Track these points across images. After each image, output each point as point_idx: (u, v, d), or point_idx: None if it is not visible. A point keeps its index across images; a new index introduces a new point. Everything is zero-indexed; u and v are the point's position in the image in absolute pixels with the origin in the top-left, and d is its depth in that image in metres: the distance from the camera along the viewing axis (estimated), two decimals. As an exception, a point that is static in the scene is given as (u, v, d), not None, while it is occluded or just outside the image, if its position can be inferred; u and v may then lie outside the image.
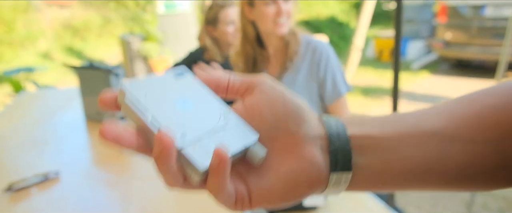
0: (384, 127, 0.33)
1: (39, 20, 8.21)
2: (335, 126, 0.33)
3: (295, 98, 0.34)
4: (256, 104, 0.34)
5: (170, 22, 5.58)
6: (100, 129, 0.29)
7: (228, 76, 0.36)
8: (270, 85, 0.34)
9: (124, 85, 0.32)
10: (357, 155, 0.32)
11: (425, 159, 0.32)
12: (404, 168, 0.32)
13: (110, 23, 8.56)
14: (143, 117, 0.30)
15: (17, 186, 0.99)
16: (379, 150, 0.32)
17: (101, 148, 1.31)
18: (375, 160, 0.32)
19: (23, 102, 1.97)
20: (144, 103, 0.31)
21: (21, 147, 1.32)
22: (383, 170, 0.32)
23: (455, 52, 5.41)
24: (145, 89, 0.32)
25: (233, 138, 0.31)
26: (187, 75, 0.36)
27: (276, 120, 0.33)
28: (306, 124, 0.33)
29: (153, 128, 0.29)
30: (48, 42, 7.99)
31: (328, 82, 1.53)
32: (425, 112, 0.34)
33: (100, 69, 1.47)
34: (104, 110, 0.33)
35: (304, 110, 0.33)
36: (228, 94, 0.36)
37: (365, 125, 0.34)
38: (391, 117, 0.34)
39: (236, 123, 0.33)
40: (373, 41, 6.91)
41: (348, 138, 0.32)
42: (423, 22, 7.03)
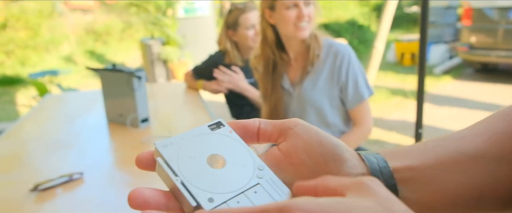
0: (426, 156, 0.31)
1: (63, 24, 8.41)
2: (376, 161, 0.32)
3: (331, 137, 0.33)
4: (293, 149, 0.33)
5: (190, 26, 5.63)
6: (129, 195, 0.28)
7: (258, 122, 0.35)
8: (304, 127, 0.33)
9: (158, 145, 0.32)
10: (404, 189, 0.31)
11: (474, 185, 0.30)
12: (454, 197, 0.30)
13: (131, 28, 8.71)
14: (174, 179, 0.30)
15: (43, 186, 1.00)
16: (425, 181, 0.31)
17: (123, 151, 1.32)
18: (422, 193, 0.30)
19: (48, 104, 2.01)
20: (176, 164, 0.31)
21: (46, 148, 1.35)
22: (432, 202, 0.30)
23: (480, 56, 5.28)
24: (178, 148, 0.32)
25: (264, 197, 0.31)
26: (222, 127, 0.35)
27: (315, 163, 0.32)
28: (346, 163, 0.31)
29: (183, 192, 0.29)
30: (71, 46, 8.18)
31: (349, 86, 1.51)
32: (465, 134, 0.33)
33: (122, 72, 1.48)
34: (140, 168, 0.33)
35: (342, 148, 0.32)
36: (260, 140, 0.35)
37: (405, 156, 0.32)
38: (430, 144, 0.33)
39: (269, 180, 0.32)
40: (394, 45, 6.80)
41: (391, 172, 0.31)
42: (446, 25, 6.89)
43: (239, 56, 2.09)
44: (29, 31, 7.75)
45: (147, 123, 1.54)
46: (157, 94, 2.12)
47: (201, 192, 0.29)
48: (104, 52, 8.30)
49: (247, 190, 0.31)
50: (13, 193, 1.00)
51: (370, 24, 8.81)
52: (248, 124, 0.35)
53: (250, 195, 0.30)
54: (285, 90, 1.60)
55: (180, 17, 5.61)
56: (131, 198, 0.28)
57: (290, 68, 1.60)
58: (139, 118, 1.51)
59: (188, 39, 5.46)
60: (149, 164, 0.32)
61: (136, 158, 0.32)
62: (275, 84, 1.60)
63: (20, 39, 7.53)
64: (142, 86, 1.50)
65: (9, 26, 7.58)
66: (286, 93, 1.60)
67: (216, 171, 0.31)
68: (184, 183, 0.30)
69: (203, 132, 0.35)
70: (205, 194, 0.29)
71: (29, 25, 7.76)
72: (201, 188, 0.30)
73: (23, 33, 7.68)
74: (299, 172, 0.32)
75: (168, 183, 0.31)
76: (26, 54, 7.44)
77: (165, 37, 5.34)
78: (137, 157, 0.32)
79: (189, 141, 0.33)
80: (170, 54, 5.13)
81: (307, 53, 1.53)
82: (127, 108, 1.51)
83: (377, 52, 3.98)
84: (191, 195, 0.29)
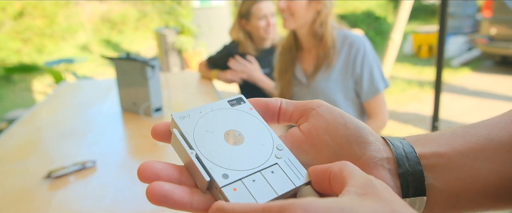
0: (455, 143, 0.30)
1: (79, 13, 8.49)
2: (401, 146, 0.30)
3: (355, 120, 0.31)
4: (315, 130, 0.31)
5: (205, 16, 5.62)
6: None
7: (280, 101, 0.34)
8: (328, 108, 0.32)
9: (174, 116, 0.31)
10: (430, 176, 0.29)
11: (506, 174, 0.28)
12: (484, 186, 0.28)
13: (146, 17, 8.74)
14: (189, 152, 0.29)
15: (56, 173, 1.00)
16: (454, 169, 0.29)
17: (136, 139, 1.32)
18: (450, 180, 0.29)
19: (63, 92, 2.02)
20: (192, 136, 0.30)
21: (60, 136, 1.35)
22: (461, 191, 0.29)
23: (500, 48, 5.15)
24: (195, 121, 0.31)
25: (281, 178, 0.29)
26: (243, 103, 0.34)
27: (337, 145, 0.30)
28: (370, 146, 0.30)
29: (198, 165, 0.28)
30: (87, 34, 8.25)
31: (365, 78, 1.48)
32: (497, 121, 0.31)
33: (136, 61, 1.48)
34: (156, 139, 0.32)
35: (367, 131, 0.31)
36: (280, 120, 0.34)
37: (432, 142, 0.30)
38: (460, 130, 0.31)
39: (287, 161, 0.31)
40: (411, 37, 6.68)
41: (418, 157, 0.29)
42: (465, 17, 6.73)
43: (252, 46, 2.07)
44: (45, 19, 7.85)
45: (160, 112, 1.54)
46: (171, 83, 2.11)
47: (216, 167, 0.28)
48: (119, 41, 8.36)
49: (264, 170, 0.30)
50: (27, 180, 1.01)
51: (387, 15, 8.66)
52: (270, 102, 0.34)
53: (267, 175, 0.29)
54: (297, 80, 1.59)
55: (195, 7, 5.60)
56: (141, 171, 0.28)
57: (304, 59, 1.59)
58: (153, 107, 1.50)
59: (203, 29, 5.45)
60: (165, 135, 0.31)
61: (152, 129, 0.31)
62: (288, 66, 1.61)
63: (37, 27, 7.62)
64: (155, 75, 1.49)
65: (26, 14, 7.68)
66: (299, 83, 1.59)
67: (233, 147, 0.30)
68: (199, 157, 0.29)
69: (222, 107, 0.33)
70: (220, 169, 0.28)
71: (45, 13, 7.85)
72: (216, 163, 0.29)
73: (40, 21, 7.78)
74: (320, 154, 0.31)
75: (182, 156, 0.30)
76: (42, 42, 7.54)
77: (180, 26, 5.33)
78: (153, 127, 0.31)
79: (207, 115, 0.32)
80: (185, 44, 5.13)
81: (319, 45, 1.51)
82: (141, 97, 1.51)
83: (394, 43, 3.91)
84: (206, 170, 0.28)
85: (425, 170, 0.29)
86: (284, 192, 0.28)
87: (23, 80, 6.12)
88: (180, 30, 5.33)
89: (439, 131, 0.32)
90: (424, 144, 0.30)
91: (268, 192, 0.28)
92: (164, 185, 0.26)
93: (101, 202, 0.90)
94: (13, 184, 1.00)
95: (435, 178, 0.29)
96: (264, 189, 0.28)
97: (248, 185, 0.28)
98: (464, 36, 6.47)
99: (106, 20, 8.72)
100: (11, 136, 1.36)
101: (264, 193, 0.28)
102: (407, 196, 0.28)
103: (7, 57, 6.66)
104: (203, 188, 0.28)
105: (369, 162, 0.29)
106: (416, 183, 0.28)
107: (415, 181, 0.28)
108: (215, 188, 0.28)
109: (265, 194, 0.28)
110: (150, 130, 0.32)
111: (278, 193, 0.28)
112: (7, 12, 7.38)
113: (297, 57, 1.60)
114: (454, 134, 0.30)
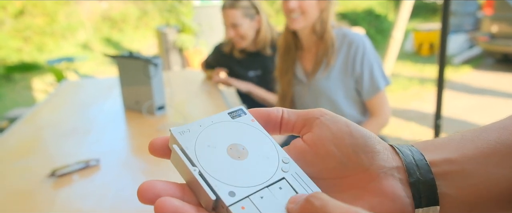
0: (465, 148, 0.29)
1: (79, 12, 8.47)
2: (411, 154, 0.29)
3: (361, 129, 0.30)
4: (319, 140, 0.30)
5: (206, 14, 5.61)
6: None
7: (281, 111, 0.32)
8: (332, 117, 0.31)
9: (173, 132, 0.29)
10: (442, 184, 0.28)
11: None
12: (498, 192, 0.28)
13: (147, 15, 8.72)
14: (191, 169, 0.27)
15: (60, 172, 1.00)
16: (466, 175, 0.28)
17: (139, 138, 1.32)
18: (463, 188, 0.28)
19: (65, 91, 2.02)
20: (193, 152, 0.28)
21: (63, 134, 1.35)
22: (474, 198, 0.28)
23: (502, 46, 5.14)
24: (196, 135, 0.30)
25: (290, 194, 0.28)
26: (243, 115, 0.33)
27: (344, 155, 0.29)
28: (378, 156, 0.29)
29: (202, 183, 0.27)
30: (87, 33, 8.24)
31: (365, 77, 1.48)
32: (507, 124, 0.30)
33: (139, 59, 1.48)
34: (154, 155, 0.30)
35: (374, 140, 0.30)
36: (282, 131, 0.32)
37: (442, 148, 0.29)
38: (469, 135, 0.30)
39: (295, 175, 0.29)
40: (412, 34, 6.67)
41: (428, 165, 0.28)
42: (466, 14, 6.72)
43: (236, 51, 2.05)
44: (46, 18, 7.83)
45: (163, 110, 1.53)
46: (173, 81, 2.11)
47: (221, 184, 0.27)
48: (120, 39, 8.35)
49: (272, 185, 0.28)
50: (30, 178, 1.01)
51: (388, 13, 8.64)
52: (271, 112, 0.32)
53: (275, 191, 0.28)
54: (298, 79, 1.59)
55: (196, 5, 5.59)
56: (141, 192, 0.26)
57: (304, 57, 1.58)
58: (155, 106, 1.50)
59: (204, 27, 5.44)
60: (164, 151, 0.30)
61: (150, 144, 0.30)
62: (288, 66, 1.60)
63: (37, 26, 7.61)
64: (158, 74, 1.49)
65: (27, 13, 7.67)
66: (299, 82, 1.59)
67: (237, 162, 0.29)
68: (202, 174, 0.27)
69: (223, 120, 0.32)
70: (226, 187, 0.27)
71: (46, 11, 7.84)
72: (221, 180, 0.27)
73: (40, 20, 7.76)
74: (326, 165, 0.29)
75: (184, 173, 0.28)
76: (43, 40, 7.53)
77: (181, 25, 5.32)
78: (151, 143, 0.30)
79: (208, 129, 0.31)
80: (186, 42, 5.12)
81: (320, 43, 1.50)
82: (144, 96, 1.51)
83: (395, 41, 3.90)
84: (210, 188, 0.27)
85: (436, 178, 0.28)
86: None
87: (24, 79, 6.12)
88: (181, 29, 5.32)
89: (447, 136, 0.31)
90: (433, 151, 0.29)
91: (278, 209, 0.27)
92: (174, 201, 0.25)
93: (104, 200, 0.90)
94: (16, 183, 1.00)
95: (447, 186, 0.28)
96: (273, 206, 0.27)
97: (257, 203, 0.27)
98: (465, 34, 6.46)
99: (106, 18, 8.70)
100: (13, 135, 1.36)
101: (274, 211, 0.27)
102: (420, 206, 0.27)
103: (7, 56, 6.65)
104: (209, 208, 0.27)
105: (378, 172, 0.28)
106: (428, 192, 0.27)
107: (427, 190, 0.28)
108: (222, 207, 0.26)
109: (275, 212, 0.27)
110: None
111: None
112: (8, 10, 7.38)
113: (297, 56, 1.60)
114: (464, 139, 0.30)
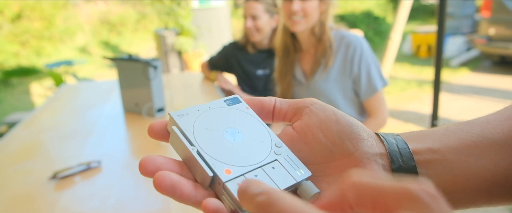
0: (448, 139, 0.30)
1: (77, 15, 8.48)
2: (395, 142, 0.31)
3: (348, 116, 0.31)
4: (308, 127, 0.31)
5: (204, 17, 5.62)
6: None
7: (274, 100, 0.34)
8: (320, 106, 0.32)
9: (173, 115, 0.31)
10: (424, 172, 0.29)
11: (499, 171, 0.28)
12: (476, 183, 0.29)
13: (145, 18, 8.74)
14: (190, 148, 0.29)
15: (62, 174, 1.00)
16: (447, 165, 0.29)
17: (140, 140, 1.32)
18: (444, 176, 0.29)
19: (64, 94, 2.02)
20: (192, 133, 0.30)
21: (63, 138, 1.35)
22: (454, 187, 0.29)
23: (499, 48, 5.17)
24: (193, 119, 0.32)
25: (282, 174, 0.30)
26: (238, 103, 0.35)
27: (331, 141, 0.30)
28: (363, 142, 0.30)
29: (200, 161, 0.28)
30: (86, 36, 8.24)
31: (362, 78, 1.49)
32: (491, 119, 0.31)
33: (139, 61, 1.48)
34: (153, 137, 0.32)
35: (359, 128, 0.31)
36: (274, 119, 0.34)
37: (426, 138, 0.31)
38: (453, 127, 0.31)
39: (286, 158, 0.31)
40: (410, 37, 6.70)
41: (411, 153, 0.30)
42: (464, 17, 6.75)
43: (250, 45, 2.07)
44: (44, 22, 7.83)
45: (163, 112, 1.54)
46: (172, 84, 2.11)
47: (218, 163, 0.28)
48: (118, 43, 8.35)
49: (265, 165, 0.30)
50: (32, 181, 1.01)
51: (386, 15, 8.68)
52: (264, 101, 0.34)
53: (268, 170, 0.30)
54: (297, 81, 1.60)
55: (194, 7, 5.59)
56: (143, 165, 0.27)
57: (303, 59, 1.60)
58: (155, 108, 1.51)
59: (203, 30, 5.45)
60: (162, 134, 0.31)
61: (149, 127, 0.31)
62: (287, 69, 1.61)
63: (35, 30, 7.61)
64: (158, 76, 1.49)
65: (24, 17, 7.67)
66: (298, 83, 1.60)
67: (233, 144, 0.31)
68: (200, 153, 0.29)
69: (219, 106, 0.34)
70: (222, 165, 0.28)
71: (44, 15, 7.84)
72: (218, 159, 0.29)
73: (38, 24, 7.76)
74: (313, 151, 0.31)
75: (182, 153, 0.30)
76: (41, 44, 7.53)
77: (179, 27, 5.33)
78: (150, 126, 0.31)
79: (205, 113, 0.32)
80: (184, 45, 5.13)
81: (318, 45, 1.52)
82: (143, 98, 1.51)
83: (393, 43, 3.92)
84: (208, 165, 0.28)
85: (418, 166, 0.29)
86: (287, 187, 0.29)
87: (22, 83, 6.11)
88: (179, 31, 5.33)
89: (433, 128, 0.32)
90: (418, 140, 0.31)
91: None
92: (172, 175, 0.26)
93: (106, 202, 0.90)
94: (18, 186, 1.00)
95: (428, 174, 0.29)
96: None
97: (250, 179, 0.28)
98: (463, 36, 6.48)
99: (105, 21, 8.71)
100: (13, 139, 1.36)
101: None
102: None
103: (5, 60, 6.64)
104: (206, 184, 0.28)
105: (361, 158, 0.29)
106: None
107: (409, 177, 0.28)
108: (218, 184, 0.28)
109: None
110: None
111: (281, 187, 0.29)
112: (5, 14, 7.37)
113: (296, 58, 1.61)
114: (447, 131, 0.31)
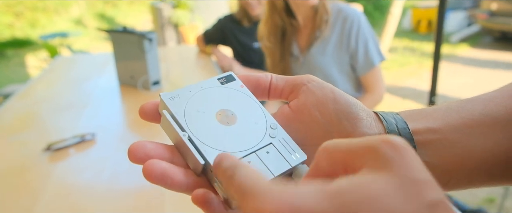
0: (449, 118, 0.29)
1: (72, -14, 8.30)
2: (394, 122, 0.29)
3: (346, 95, 0.30)
4: (304, 106, 0.30)
5: (201, -11, 5.50)
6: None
7: (270, 76, 0.32)
8: (318, 84, 0.31)
9: (163, 97, 0.29)
10: (424, 152, 0.28)
11: (501, 150, 0.27)
12: (478, 162, 0.28)
13: (141, -10, 8.56)
14: (181, 134, 0.28)
15: (56, 146, 1.00)
16: (448, 145, 0.28)
17: (135, 113, 1.31)
18: (444, 157, 0.28)
19: (59, 66, 2.00)
20: (183, 117, 0.29)
21: (58, 109, 1.34)
22: (455, 167, 0.28)
23: (501, 23, 5.11)
24: (185, 101, 0.30)
25: (277, 158, 0.28)
26: (233, 81, 0.33)
27: (328, 121, 0.29)
28: (361, 122, 0.29)
29: (191, 148, 0.27)
30: (81, 8, 8.10)
31: (360, 52, 1.46)
32: (493, 96, 0.30)
33: (133, 34, 1.45)
34: (144, 119, 0.30)
35: (358, 107, 0.30)
36: (270, 97, 0.32)
37: (426, 117, 0.29)
38: (455, 105, 0.30)
39: (282, 141, 0.30)
40: (410, 11, 6.61)
41: (411, 134, 0.28)
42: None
43: (246, 18, 2.04)
44: (38, -7, 7.67)
45: (158, 85, 1.52)
46: (168, 57, 2.09)
47: (210, 149, 0.27)
48: (114, 15, 8.22)
49: (259, 150, 0.29)
50: (27, 153, 1.00)
51: (386, -11, 8.54)
52: (260, 78, 0.32)
53: (262, 155, 0.28)
54: (293, 57, 1.56)
55: (190, -21, 5.48)
56: (132, 151, 0.26)
57: (300, 34, 1.55)
58: (151, 81, 1.49)
59: (199, 3, 5.36)
60: (154, 116, 0.30)
61: (140, 109, 0.30)
62: (284, 52, 1.55)
63: (29, 1, 7.46)
64: (153, 49, 1.47)
65: (19, -13, 7.51)
66: (294, 59, 1.56)
67: (226, 128, 0.29)
68: (191, 139, 0.28)
69: (212, 85, 0.32)
70: (214, 151, 0.27)
71: (38, -14, 7.67)
72: (209, 145, 0.28)
73: (32, -5, 7.61)
74: (310, 131, 0.30)
75: (173, 138, 0.29)
76: (35, 16, 7.40)
77: (176, 0, 5.24)
78: (141, 107, 0.30)
79: (197, 94, 0.31)
80: (181, 18, 5.05)
81: (315, 18, 1.47)
82: (139, 71, 1.49)
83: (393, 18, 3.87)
84: (199, 152, 0.27)
85: (418, 147, 0.28)
86: (281, 173, 0.28)
87: (17, 55, 6.04)
88: (176, 4, 5.24)
89: (434, 106, 0.31)
90: (418, 120, 0.29)
91: (264, 173, 0.27)
92: (162, 163, 0.25)
93: (100, 174, 0.90)
94: (12, 157, 0.99)
95: (428, 155, 0.28)
96: (260, 171, 0.27)
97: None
98: (464, 11, 6.41)
99: (100, -7, 8.54)
100: (7, 110, 1.35)
101: None
102: None
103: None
104: (197, 171, 0.27)
105: None
106: None
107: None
108: (210, 171, 0.27)
109: None
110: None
111: (274, 174, 0.27)
112: (-2, -15, 7.22)
113: (293, 38, 1.55)
114: (449, 109, 0.30)
